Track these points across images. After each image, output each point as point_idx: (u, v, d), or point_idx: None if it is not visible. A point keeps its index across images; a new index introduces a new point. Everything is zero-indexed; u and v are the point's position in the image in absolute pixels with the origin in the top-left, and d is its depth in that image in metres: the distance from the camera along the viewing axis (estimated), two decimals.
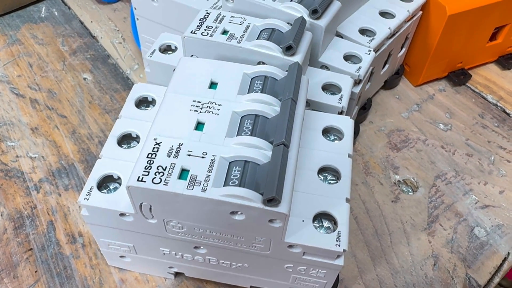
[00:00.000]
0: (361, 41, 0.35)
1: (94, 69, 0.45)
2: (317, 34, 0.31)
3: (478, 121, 0.42)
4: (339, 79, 0.32)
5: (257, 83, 0.27)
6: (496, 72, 0.47)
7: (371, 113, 0.42)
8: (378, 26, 0.36)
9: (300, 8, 0.31)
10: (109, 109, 0.42)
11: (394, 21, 0.37)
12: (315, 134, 0.28)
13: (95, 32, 0.49)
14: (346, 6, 0.35)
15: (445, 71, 0.45)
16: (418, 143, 0.40)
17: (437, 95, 0.45)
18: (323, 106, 0.30)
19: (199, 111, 0.25)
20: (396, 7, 0.38)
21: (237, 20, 0.31)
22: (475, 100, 0.44)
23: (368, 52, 0.34)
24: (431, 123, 0.42)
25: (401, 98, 0.44)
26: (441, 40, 0.40)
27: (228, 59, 0.30)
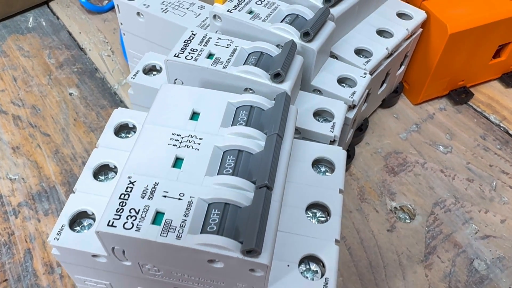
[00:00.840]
0: (357, 63, 0.33)
1: (81, 84, 0.43)
2: (309, 58, 0.30)
3: (480, 143, 0.41)
4: (332, 105, 0.30)
5: (242, 114, 0.25)
6: (499, 90, 0.45)
7: (367, 134, 0.41)
8: (375, 46, 0.34)
9: (291, 30, 0.29)
10: (94, 127, 0.40)
11: (392, 41, 0.35)
12: (304, 166, 0.27)
13: (83, 44, 0.47)
14: (341, 26, 0.33)
15: (446, 89, 0.43)
16: (417, 167, 0.39)
17: (437, 114, 0.43)
18: (314, 134, 0.29)
19: (178, 146, 0.24)
20: (394, 25, 0.36)
21: (224, 43, 0.29)
22: (477, 120, 0.42)
23: (363, 75, 0.32)
24: (431, 144, 0.40)
25: (399, 117, 0.42)
26: (442, 59, 0.38)
27: (213, 84, 0.28)
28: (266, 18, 0.30)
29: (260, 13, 0.31)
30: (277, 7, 0.31)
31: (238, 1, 0.32)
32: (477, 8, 0.38)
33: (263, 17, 0.30)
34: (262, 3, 0.32)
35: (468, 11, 0.38)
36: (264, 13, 0.31)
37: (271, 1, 0.32)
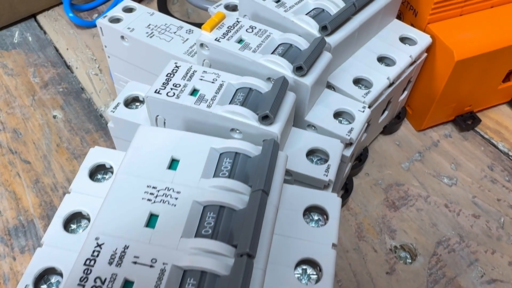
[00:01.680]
0: (355, 94, 0.31)
1: (66, 105, 0.41)
2: (302, 93, 0.27)
3: (487, 174, 0.38)
4: (327, 144, 0.28)
5: (225, 162, 0.23)
6: (508, 115, 0.42)
7: (367, 163, 0.38)
8: (375, 75, 0.32)
9: (282, 63, 0.27)
10: (78, 153, 0.38)
11: (394, 69, 0.32)
12: (295, 216, 0.24)
13: (70, 61, 0.45)
14: (339, 55, 0.31)
15: (452, 115, 0.41)
16: (419, 201, 0.36)
17: (442, 141, 0.40)
18: (307, 178, 0.26)
19: (153, 201, 0.21)
20: (396, 51, 0.34)
21: (210, 77, 0.27)
22: (484, 148, 0.40)
23: (362, 109, 0.30)
24: (435, 176, 0.38)
25: (401, 145, 0.40)
26: (447, 85, 0.36)
27: (197, 123, 0.26)
28: (257, 48, 0.28)
29: (251, 43, 0.28)
30: (269, 35, 0.29)
31: (227, 28, 0.29)
32: (486, 31, 0.35)
33: (253, 47, 0.28)
34: (253, 30, 0.29)
35: (476, 35, 0.35)
36: (255, 43, 0.28)
37: (263, 28, 0.29)
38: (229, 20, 0.30)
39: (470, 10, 0.36)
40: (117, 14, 0.34)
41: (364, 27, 0.32)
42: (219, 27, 0.29)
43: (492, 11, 0.37)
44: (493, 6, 0.37)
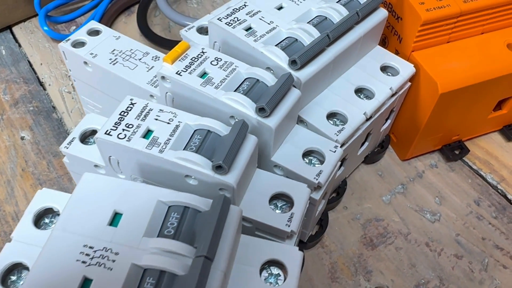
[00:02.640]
0: (328, 132, 0.29)
1: (35, 126, 0.40)
2: (266, 135, 0.25)
3: (473, 209, 0.36)
4: (292, 189, 0.26)
5: (172, 217, 0.21)
6: (499, 144, 0.40)
7: (346, 195, 0.36)
8: (351, 110, 0.30)
9: (245, 102, 0.25)
10: (43, 179, 0.36)
11: (372, 103, 0.30)
12: (251, 273, 0.22)
13: (43, 77, 0.43)
14: (311, 89, 0.29)
15: (438, 145, 0.39)
16: (399, 238, 0.34)
17: (427, 172, 0.38)
18: (268, 227, 0.25)
19: (88, 263, 0.20)
20: (376, 82, 0.31)
21: (166, 117, 0.25)
22: (472, 180, 0.38)
23: (334, 149, 0.28)
24: (417, 210, 0.36)
25: (384, 175, 0.38)
26: (432, 117, 0.34)
27: (151, 167, 0.24)
28: (220, 84, 0.26)
29: (214, 77, 0.26)
30: (235, 69, 0.27)
31: (190, 60, 0.27)
32: (475, 60, 0.33)
33: (216, 82, 0.26)
34: (219, 63, 0.27)
35: (464, 64, 0.33)
36: (219, 77, 0.26)
37: (229, 61, 0.27)
38: (193, 51, 0.28)
39: (459, 37, 0.34)
40: (80, 38, 0.32)
41: (340, 58, 0.30)
42: (182, 59, 0.27)
43: (482, 37, 0.35)
44: (484, 32, 0.35)
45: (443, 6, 0.32)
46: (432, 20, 0.32)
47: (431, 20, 0.32)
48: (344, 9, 0.30)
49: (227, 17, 0.30)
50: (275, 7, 0.31)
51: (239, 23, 0.29)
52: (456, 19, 0.33)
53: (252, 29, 0.29)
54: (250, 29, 0.29)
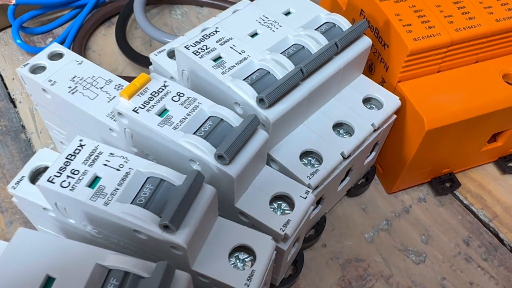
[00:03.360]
0: (300, 174, 0.26)
1: (1, 147, 0.38)
2: (227, 183, 0.23)
3: (462, 250, 0.34)
4: (255, 241, 0.23)
5: (111, 285, 0.19)
6: (493, 177, 0.38)
7: (326, 231, 0.34)
8: (327, 149, 0.27)
9: (204, 147, 0.23)
10: (5, 207, 0.34)
11: (351, 142, 0.28)
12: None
13: (14, 93, 0.41)
14: (283, 128, 0.27)
15: (428, 177, 0.36)
16: (380, 282, 0.32)
17: (414, 207, 0.36)
18: (224, 286, 0.22)
19: None
20: (357, 117, 0.29)
21: (116, 162, 0.23)
22: (462, 217, 0.35)
23: (304, 195, 0.25)
24: (401, 250, 0.33)
25: (368, 210, 0.35)
26: (418, 153, 0.31)
27: (97, 219, 0.22)
28: (180, 124, 0.24)
29: (174, 116, 0.24)
30: (197, 106, 0.25)
31: (150, 95, 0.25)
32: (466, 93, 0.31)
33: (176, 122, 0.24)
34: (180, 99, 0.25)
35: (454, 97, 0.30)
36: (179, 116, 0.24)
37: (192, 97, 0.25)
38: (154, 85, 0.26)
39: (451, 66, 0.32)
40: (40, 62, 0.30)
41: (317, 92, 0.27)
42: (141, 93, 0.25)
43: (476, 67, 0.32)
44: (479, 60, 0.32)
45: (432, 35, 0.29)
46: (420, 50, 0.29)
47: (418, 50, 0.29)
48: (323, 38, 0.28)
49: (195, 45, 0.27)
50: (249, 34, 0.28)
51: (208, 52, 0.27)
52: (447, 49, 0.30)
53: (221, 59, 0.27)
54: (219, 59, 0.27)
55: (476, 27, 0.30)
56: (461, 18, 0.30)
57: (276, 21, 0.29)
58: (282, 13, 0.30)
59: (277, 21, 0.29)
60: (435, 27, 0.30)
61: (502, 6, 0.31)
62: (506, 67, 0.32)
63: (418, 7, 0.31)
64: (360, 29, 0.28)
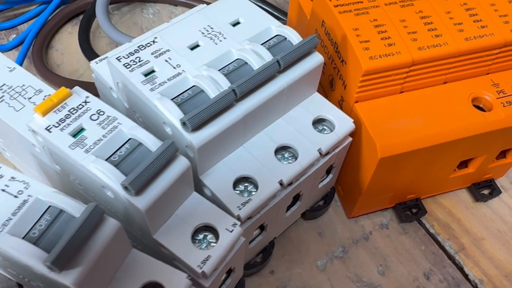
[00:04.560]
0: (230, 204, 0.24)
1: None
2: (138, 215, 0.21)
3: (421, 284, 0.31)
4: (169, 280, 0.21)
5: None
6: (465, 204, 0.35)
7: (276, 256, 0.32)
8: (265, 176, 0.25)
9: (113, 175, 0.21)
10: None
11: (292, 169, 0.26)
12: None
13: None
14: (214, 152, 0.24)
15: (391, 203, 0.34)
16: None
17: (375, 234, 0.33)
18: None
19: None
20: (303, 141, 0.27)
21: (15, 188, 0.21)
22: (426, 247, 0.33)
23: (231, 228, 0.23)
24: (354, 281, 0.31)
25: (324, 234, 0.33)
26: (374, 180, 0.29)
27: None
28: (93, 146, 0.22)
29: (89, 137, 0.22)
30: (116, 127, 0.23)
31: (68, 112, 0.23)
32: (429, 118, 0.28)
33: (89, 144, 0.22)
34: (99, 118, 0.23)
35: (414, 122, 0.28)
36: (94, 137, 0.22)
37: (112, 116, 0.23)
38: (74, 101, 0.24)
39: (415, 87, 0.29)
40: None
41: (256, 113, 0.25)
42: (58, 110, 0.23)
43: (444, 88, 0.29)
44: (448, 81, 0.30)
45: (391, 53, 0.27)
46: (376, 70, 0.27)
47: (374, 70, 0.27)
48: (268, 54, 0.26)
49: (128, 56, 0.25)
50: (189, 46, 0.26)
51: (140, 65, 0.25)
52: (408, 69, 0.27)
53: (154, 73, 0.25)
54: (152, 74, 0.25)
55: (442, 45, 0.27)
56: (426, 35, 0.28)
57: (221, 33, 0.27)
58: (230, 24, 0.28)
59: (222, 33, 0.27)
60: (395, 44, 0.27)
61: (474, 23, 0.28)
62: (476, 89, 0.29)
63: (380, 21, 0.28)
64: (308, 46, 0.26)
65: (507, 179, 0.36)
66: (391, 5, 0.29)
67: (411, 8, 0.29)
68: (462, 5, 0.29)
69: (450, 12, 0.29)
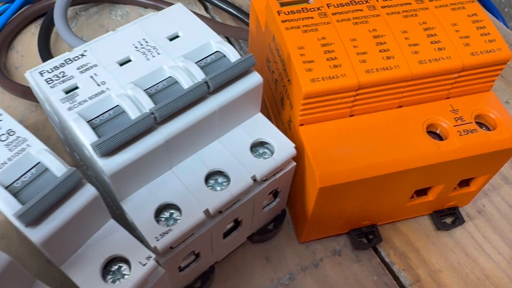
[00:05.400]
0: (147, 234, 0.22)
1: None
2: (37, 246, 0.20)
3: None
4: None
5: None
6: (426, 233, 0.33)
7: (218, 281, 0.30)
8: (190, 204, 0.23)
9: (8, 204, 0.19)
10: None
11: (221, 197, 0.24)
12: None
13: None
14: (133, 179, 0.23)
15: (345, 229, 0.32)
16: None
17: (326, 261, 0.31)
18: None
19: None
20: (238, 166, 0.25)
21: None
22: (378, 278, 0.31)
23: (144, 261, 0.22)
24: None
25: (271, 260, 0.31)
26: (317, 208, 0.27)
27: None
28: None
29: None
30: (24, 150, 0.21)
31: None
32: (377, 145, 0.26)
33: None
34: (8, 139, 0.22)
35: (361, 150, 0.26)
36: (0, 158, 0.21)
37: (22, 137, 0.22)
38: None
39: (366, 110, 0.27)
40: None
41: (182, 137, 0.23)
42: None
43: (398, 113, 0.27)
44: (402, 105, 0.28)
45: (336, 76, 0.25)
46: (318, 94, 0.25)
47: (316, 94, 0.25)
48: (201, 73, 0.24)
49: (52, 71, 0.24)
50: (119, 61, 0.25)
51: (63, 80, 0.24)
52: (356, 92, 0.26)
53: (76, 90, 0.23)
54: (74, 91, 0.23)
55: (393, 68, 0.25)
56: (377, 57, 0.26)
57: (155, 47, 0.25)
58: (167, 37, 0.26)
59: (156, 47, 0.25)
60: (341, 66, 0.25)
61: (432, 44, 0.26)
62: (433, 115, 0.27)
63: (328, 40, 0.26)
64: (243, 66, 0.24)
65: (473, 206, 0.34)
66: (343, 22, 0.27)
67: (364, 26, 0.27)
68: (421, 24, 0.27)
69: (406, 31, 0.27)
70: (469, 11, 0.28)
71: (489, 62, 0.26)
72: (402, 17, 0.27)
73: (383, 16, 0.27)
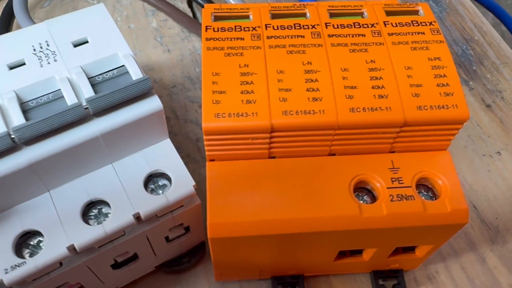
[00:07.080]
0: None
1: None
2: None
3: None
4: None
5: None
6: None
7: None
8: (54, 236, 0.21)
9: None
10: None
11: (91, 233, 0.21)
12: None
13: None
14: None
15: (266, 275, 0.28)
16: None
17: None
18: None
19: None
20: (122, 199, 0.22)
21: None
22: None
23: None
24: None
25: None
26: (217, 256, 0.24)
27: None
28: None
29: None
30: None
31: None
32: (290, 197, 0.22)
33: None
34: None
35: (268, 201, 0.22)
36: None
37: None
38: None
39: (290, 154, 0.23)
40: None
41: (55, 161, 0.21)
42: None
43: (328, 162, 0.23)
44: (334, 153, 0.24)
45: (246, 114, 0.21)
46: (220, 132, 0.21)
47: (216, 131, 0.21)
48: (90, 91, 0.21)
49: None
50: (10, 64, 0.22)
51: None
52: (269, 134, 0.22)
53: None
54: None
55: (316, 113, 0.21)
56: (302, 96, 0.22)
57: (54, 52, 0.23)
58: (72, 42, 0.23)
59: (56, 53, 0.23)
60: (255, 102, 0.21)
61: (373, 89, 0.22)
62: (366, 171, 0.23)
63: (250, 69, 0.22)
64: (135, 90, 0.21)
65: (424, 271, 0.30)
66: (276, 48, 0.23)
67: (299, 56, 0.23)
68: (368, 63, 0.23)
69: (347, 69, 0.22)
70: (432, 53, 0.23)
71: (438, 120, 0.22)
72: (348, 51, 0.23)
73: (325, 47, 0.23)
